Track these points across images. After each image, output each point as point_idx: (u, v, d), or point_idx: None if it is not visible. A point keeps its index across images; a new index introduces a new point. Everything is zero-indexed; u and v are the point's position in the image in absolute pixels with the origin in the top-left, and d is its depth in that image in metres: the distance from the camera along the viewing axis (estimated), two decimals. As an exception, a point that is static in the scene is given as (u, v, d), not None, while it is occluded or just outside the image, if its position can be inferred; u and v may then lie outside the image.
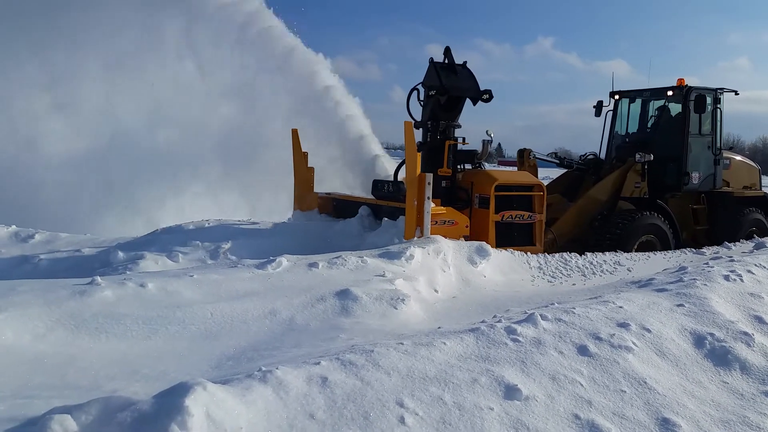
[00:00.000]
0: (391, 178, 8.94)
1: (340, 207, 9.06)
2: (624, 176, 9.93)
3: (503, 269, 7.32)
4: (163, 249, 7.07)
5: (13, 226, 7.77)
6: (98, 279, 4.72)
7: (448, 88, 8.46)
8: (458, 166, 8.73)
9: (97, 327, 4.28)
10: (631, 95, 11.41)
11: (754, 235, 10.68)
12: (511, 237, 8.11)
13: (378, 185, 8.73)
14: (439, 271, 6.65)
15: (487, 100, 8.72)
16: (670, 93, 10.64)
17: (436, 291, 6.21)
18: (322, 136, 10.30)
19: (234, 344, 4.38)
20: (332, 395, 2.90)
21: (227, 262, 6.10)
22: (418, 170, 7.36)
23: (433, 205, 7.40)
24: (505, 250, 7.82)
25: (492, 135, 8.83)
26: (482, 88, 8.70)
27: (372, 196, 8.74)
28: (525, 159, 10.57)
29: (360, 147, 10.03)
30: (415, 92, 8.81)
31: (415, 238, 7.19)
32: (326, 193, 9.38)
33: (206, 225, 7.92)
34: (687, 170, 10.35)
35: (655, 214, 9.61)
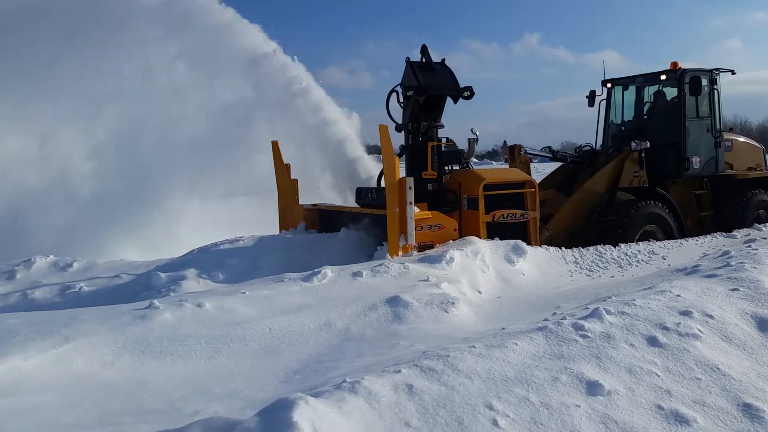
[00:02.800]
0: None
1: (325, 218, 8.76)
2: (621, 166, 9.67)
3: (540, 266, 7.32)
4: (202, 269, 7.10)
5: (51, 256, 7.82)
6: (156, 302, 4.77)
7: (426, 87, 8.09)
8: (445, 168, 8.38)
9: (162, 350, 4.33)
10: (624, 82, 11.11)
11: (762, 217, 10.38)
12: (503, 237, 7.63)
13: (361, 193, 8.49)
14: (479, 272, 6.67)
15: (468, 98, 8.31)
16: (663, 77, 10.35)
17: (479, 292, 6.24)
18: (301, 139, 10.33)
19: (296, 358, 4.42)
20: (422, 402, 2.93)
21: (272, 276, 6.13)
22: (398, 175, 7.03)
23: (417, 209, 7.11)
24: (540, 246, 7.82)
25: (478, 133, 8.39)
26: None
27: (356, 205, 8.50)
28: (516, 155, 10.03)
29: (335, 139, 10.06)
30: (394, 94, 8.44)
31: (400, 254, 6.86)
32: (312, 205, 9.07)
33: (240, 242, 7.95)
34: (687, 155, 10.04)
35: (656, 202, 9.30)
